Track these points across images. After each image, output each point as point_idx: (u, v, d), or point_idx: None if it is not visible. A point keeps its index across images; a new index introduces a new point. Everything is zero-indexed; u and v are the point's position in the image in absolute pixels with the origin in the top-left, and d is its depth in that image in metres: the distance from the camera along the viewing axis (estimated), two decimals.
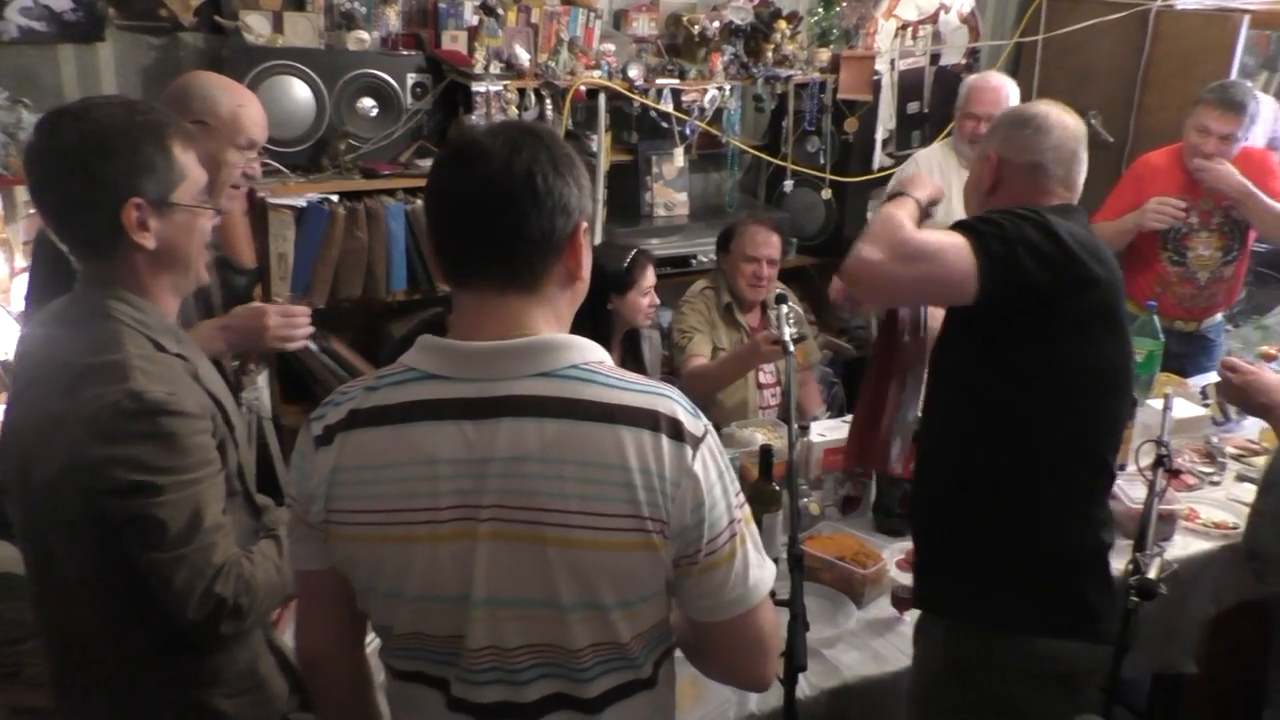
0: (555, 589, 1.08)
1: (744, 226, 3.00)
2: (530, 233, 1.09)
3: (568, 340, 1.12)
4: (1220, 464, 2.70)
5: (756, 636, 1.19)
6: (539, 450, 1.06)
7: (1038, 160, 1.71)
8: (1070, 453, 1.66)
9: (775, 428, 2.73)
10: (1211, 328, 3.42)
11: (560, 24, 3.28)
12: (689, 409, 1.12)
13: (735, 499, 1.15)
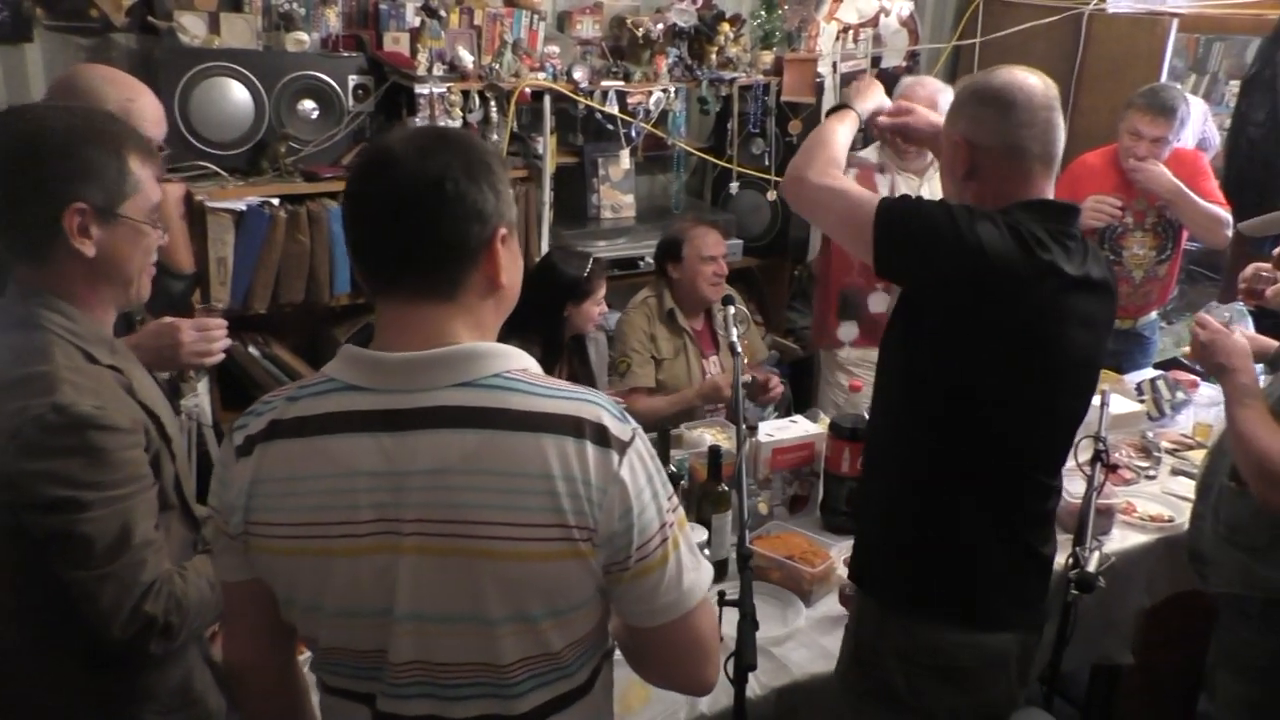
0: (483, 602, 1.07)
1: (690, 231, 3.01)
2: (442, 239, 1.07)
3: (489, 349, 1.11)
4: (1156, 458, 2.77)
5: (694, 640, 1.18)
6: (460, 462, 1.05)
7: (1010, 142, 1.61)
8: (994, 467, 1.66)
9: (724, 428, 2.75)
10: (1146, 325, 3.51)
11: (503, 26, 3.27)
12: (616, 413, 1.10)
13: (667, 503, 1.13)
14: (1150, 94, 3.17)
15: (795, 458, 2.44)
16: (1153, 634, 2.49)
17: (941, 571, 1.63)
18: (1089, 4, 3.83)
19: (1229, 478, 2.02)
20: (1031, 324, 1.57)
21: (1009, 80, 1.64)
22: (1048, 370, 1.60)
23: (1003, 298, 1.55)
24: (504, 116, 3.21)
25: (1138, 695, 2.65)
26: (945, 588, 1.63)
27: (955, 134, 1.66)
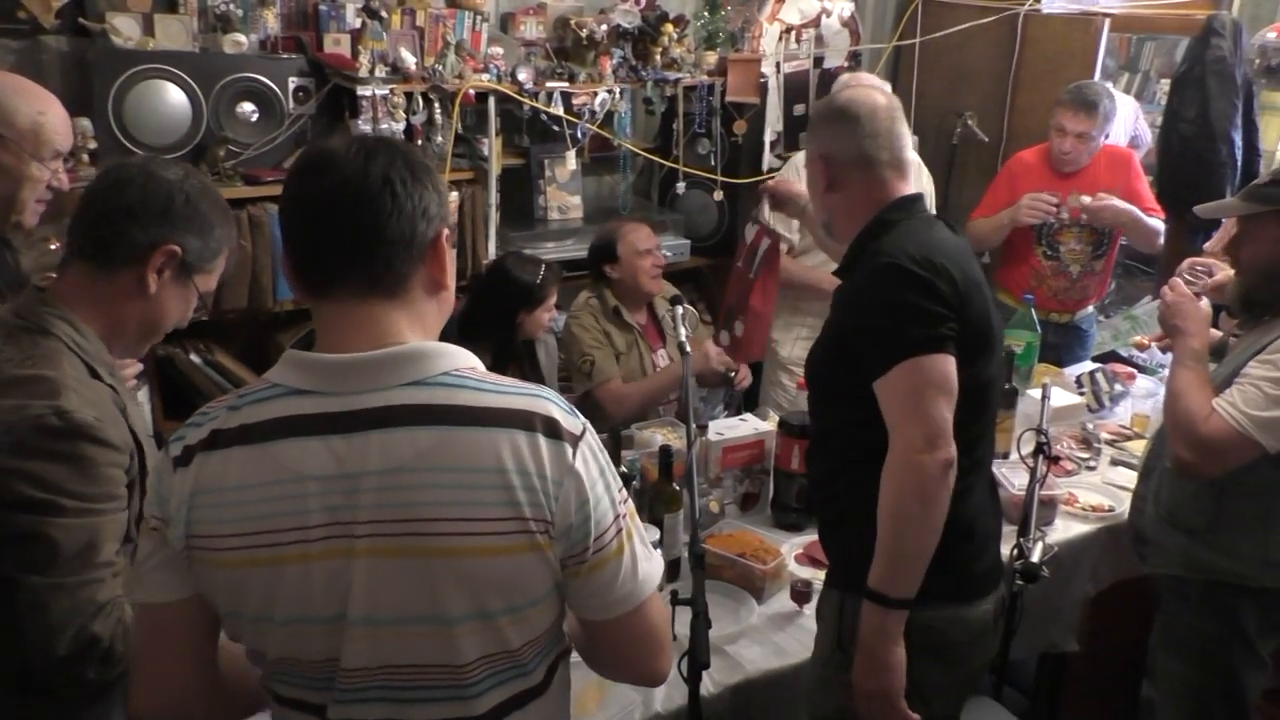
0: (441, 601, 1.07)
1: (621, 230, 3.02)
2: (390, 235, 1.08)
3: (436, 348, 1.11)
4: (1096, 449, 2.83)
5: (649, 631, 1.20)
6: (414, 460, 1.04)
7: (861, 152, 1.72)
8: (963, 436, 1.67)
9: (674, 428, 2.75)
10: (1084, 319, 3.59)
11: (446, 27, 3.24)
12: (565, 408, 1.12)
13: (619, 494, 1.15)
14: (1074, 91, 3.25)
15: (746, 456, 2.46)
16: (1097, 621, 2.55)
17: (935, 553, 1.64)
18: (1024, 4, 3.90)
19: (1169, 460, 2.08)
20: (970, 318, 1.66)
21: (853, 97, 1.78)
22: (982, 334, 1.69)
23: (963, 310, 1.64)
24: (448, 118, 3.19)
25: (1084, 681, 2.70)
26: (939, 567, 1.64)
27: (814, 151, 1.80)
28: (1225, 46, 3.66)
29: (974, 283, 1.68)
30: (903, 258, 1.62)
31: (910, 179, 1.78)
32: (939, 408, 1.57)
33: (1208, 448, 1.89)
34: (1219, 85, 3.66)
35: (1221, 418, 1.87)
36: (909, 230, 1.69)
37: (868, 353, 1.63)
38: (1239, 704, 2.08)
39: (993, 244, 3.54)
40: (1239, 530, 1.98)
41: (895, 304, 1.61)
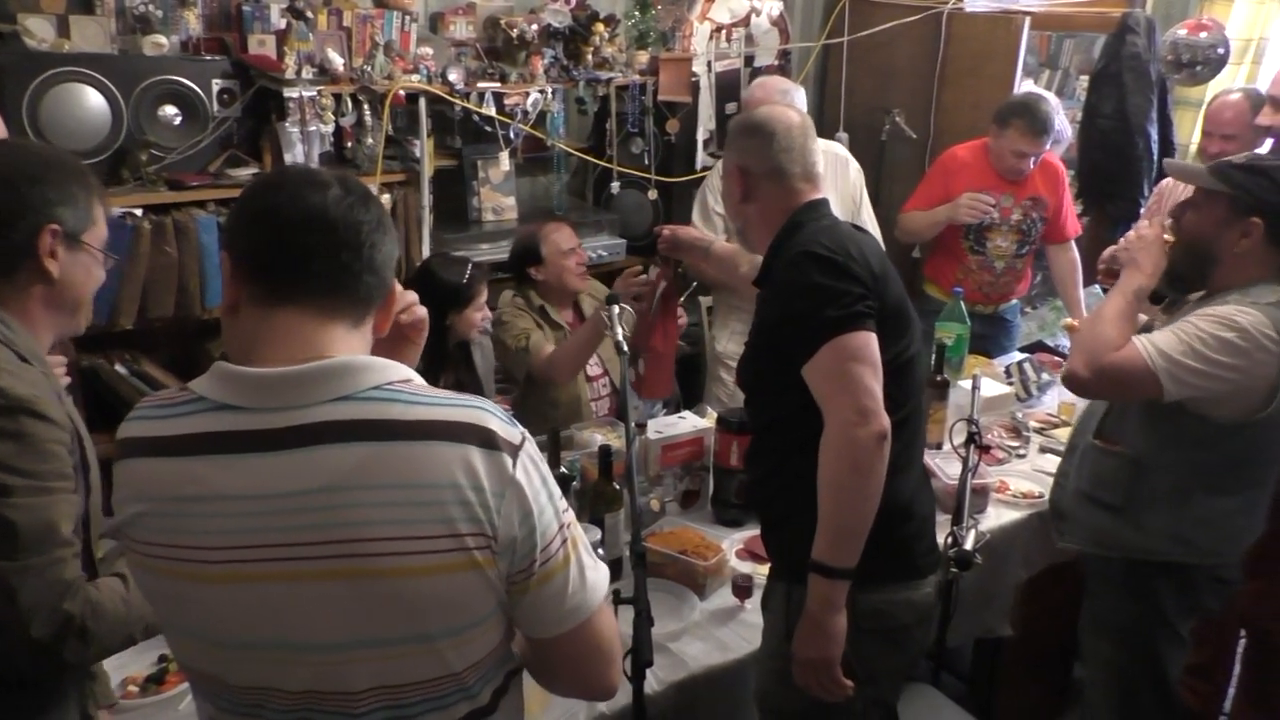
0: (378, 624, 1.03)
1: (543, 232, 2.99)
2: (376, 265, 1.10)
3: (368, 361, 1.07)
4: (1025, 438, 2.90)
5: (598, 643, 1.17)
6: (346, 478, 1.01)
7: (775, 165, 1.82)
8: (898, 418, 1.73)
9: (613, 427, 2.76)
10: (1009, 310, 3.67)
11: (374, 27, 3.20)
12: (503, 418, 1.09)
13: (560, 503, 1.12)
14: (1029, 116, 3.27)
15: (685, 453, 2.47)
16: (1030, 605, 2.61)
17: (878, 535, 1.68)
18: (948, 3, 3.98)
19: (1094, 435, 2.14)
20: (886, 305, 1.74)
21: (769, 114, 1.89)
22: (900, 314, 1.78)
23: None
24: (378, 120, 3.15)
25: (1019, 665, 2.77)
26: (884, 549, 1.69)
27: (731, 163, 1.89)
28: (1140, 43, 3.78)
29: (887, 269, 1.77)
30: (816, 245, 1.71)
31: (821, 189, 1.88)
32: (866, 380, 1.63)
33: (1108, 372, 1.94)
34: (1135, 81, 3.78)
35: (1136, 349, 1.92)
36: (819, 228, 1.79)
37: (793, 341, 1.69)
38: (1162, 682, 2.14)
39: (926, 238, 3.60)
40: (1154, 508, 2.04)
41: (813, 287, 1.67)
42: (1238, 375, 1.89)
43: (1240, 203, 1.95)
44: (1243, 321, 1.88)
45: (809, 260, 1.69)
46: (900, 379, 1.72)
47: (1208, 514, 2.01)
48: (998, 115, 3.36)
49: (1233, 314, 1.90)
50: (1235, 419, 1.94)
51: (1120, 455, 2.08)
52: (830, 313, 1.65)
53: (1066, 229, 3.53)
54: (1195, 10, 4.19)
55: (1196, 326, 1.91)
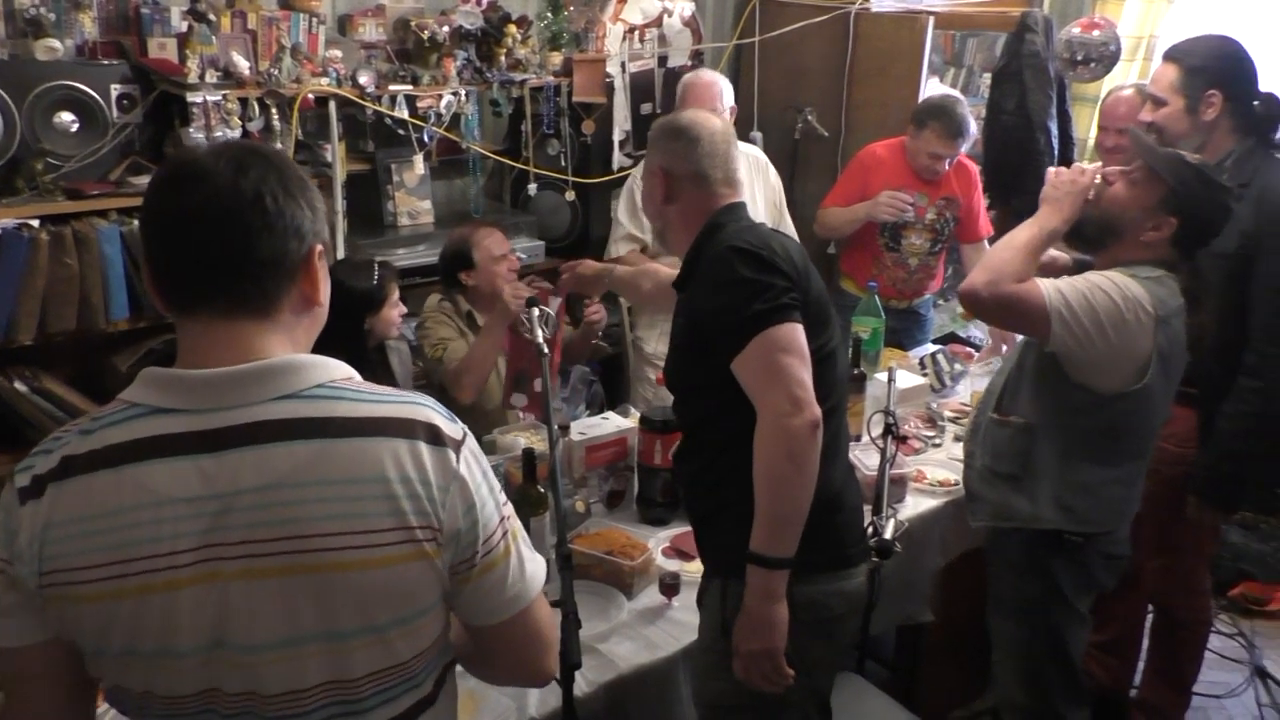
0: (327, 619, 1.04)
1: (475, 236, 2.98)
2: (260, 255, 1.05)
3: (309, 360, 1.08)
4: (940, 427, 2.97)
5: (537, 630, 1.21)
6: (290, 475, 1.01)
7: (697, 169, 1.85)
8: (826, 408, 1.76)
9: (537, 430, 2.75)
10: (922, 304, 3.76)
11: (280, 30, 3.13)
12: (445, 414, 1.12)
13: (500, 497, 1.16)
14: (945, 118, 3.35)
15: (609, 454, 2.47)
16: (949, 591, 2.68)
17: (811, 525, 1.70)
18: (855, 3, 4.05)
19: (993, 410, 2.21)
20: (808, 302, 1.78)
21: (694, 118, 1.91)
22: (823, 308, 1.81)
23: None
24: (287, 124, 3.09)
25: (940, 650, 2.84)
26: (817, 540, 1.72)
27: (654, 165, 1.92)
28: (1038, 41, 3.89)
29: (808, 265, 1.81)
30: (739, 241, 1.74)
31: (741, 194, 1.91)
32: (796, 370, 1.66)
33: (1006, 299, 1.99)
34: (1034, 78, 3.89)
35: (1038, 286, 1.99)
36: (740, 228, 1.82)
37: (721, 336, 1.71)
38: (1065, 657, 2.22)
39: (844, 234, 3.67)
40: (1044, 474, 2.11)
41: (739, 282, 1.69)
42: (1115, 341, 1.97)
43: (1171, 200, 2.03)
44: (1131, 293, 1.96)
45: (735, 255, 1.72)
46: (823, 372, 1.75)
47: (1088, 481, 2.09)
48: (915, 116, 3.44)
49: (1129, 283, 1.98)
50: (1114, 389, 2.03)
51: (1014, 425, 2.15)
52: (757, 306, 1.67)
53: (979, 229, 3.62)
54: (1090, 9, 4.34)
55: (1095, 285, 1.99)
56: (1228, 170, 2.43)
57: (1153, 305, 1.97)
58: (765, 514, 1.68)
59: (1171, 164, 2.05)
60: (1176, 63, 2.49)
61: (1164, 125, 2.51)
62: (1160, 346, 2.00)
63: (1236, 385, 2.41)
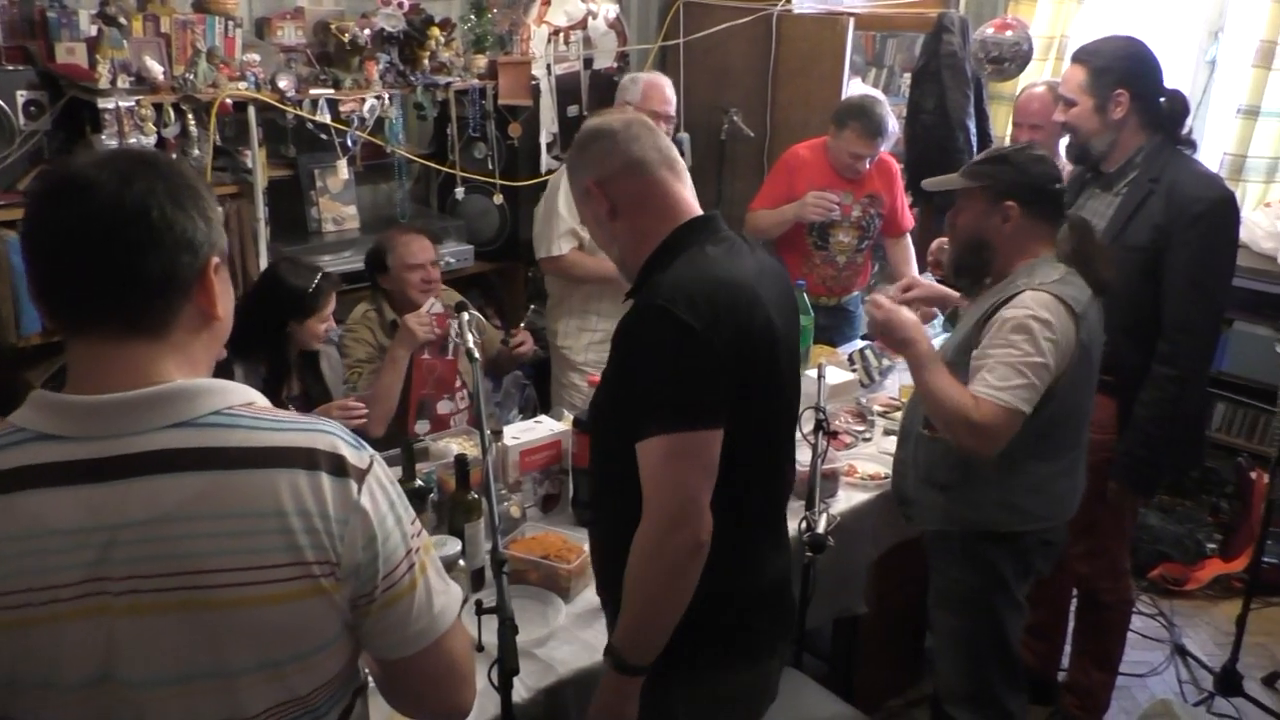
0: (220, 656, 0.99)
1: (394, 241, 2.94)
2: (149, 273, 0.99)
3: (206, 385, 1.03)
4: (870, 422, 3.01)
5: (449, 665, 1.16)
6: (179, 508, 0.97)
7: (628, 157, 1.62)
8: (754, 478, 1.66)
9: (469, 436, 2.72)
10: (850, 301, 3.82)
11: (195, 33, 3.06)
12: (351, 441, 1.07)
13: (411, 527, 1.10)
14: (865, 119, 3.40)
15: (543, 458, 2.46)
16: (882, 583, 2.72)
17: (708, 618, 1.59)
18: (777, 5, 4.10)
19: (923, 426, 2.24)
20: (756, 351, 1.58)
21: (601, 119, 1.71)
22: (771, 382, 1.62)
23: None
24: (205, 130, 3.02)
25: (875, 640, 2.88)
26: (719, 633, 1.62)
27: (582, 184, 1.67)
28: (955, 42, 3.98)
29: (764, 323, 1.56)
30: (680, 301, 1.48)
31: (689, 188, 1.68)
32: (690, 483, 1.49)
33: (986, 431, 2.03)
34: (952, 78, 3.98)
35: (989, 401, 2.01)
36: (698, 260, 1.56)
37: (632, 408, 1.53)
38: (1005, 645, 2.27)
39: (773, 235, 3.70)
40: (985, 482, 2.15)
41: (661, 363, 1.50)
42: (1058, 363, 2.03)
43: (991, 191, 2.13)
44: (1044, 316, 2.01)
45: (665, 325, 1.48)
46: (761, 455, 1.61)
47: (1035, 480, 2.14)
48: (835, 116, 3.49)
49: (1031, 314, 2.02)
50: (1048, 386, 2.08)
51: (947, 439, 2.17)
52: (673, 400, 1.48)
53: (902, 223, 3.69)
54: (1003, 10, 4.45)
55: (1011, 343, 2.02)
56: (1139, 166, 2.52)
57: (1069, 308, 2.04)
58: (630, 618, 1.56)
59: (968, 173, 2.18)
60: (1084, 64, 2.57)
61: (1075, 125, 2.58)
62: (1083, 340, 2.07)
63: (1152, 373, 2.49)
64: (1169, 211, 2.44)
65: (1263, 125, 3.98)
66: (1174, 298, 2.46)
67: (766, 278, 1.63)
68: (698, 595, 1.54)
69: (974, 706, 2.31)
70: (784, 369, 1.65)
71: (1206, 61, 4.25)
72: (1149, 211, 2.46)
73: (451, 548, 2.00)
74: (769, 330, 1.58)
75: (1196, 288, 2.44)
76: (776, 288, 1.66)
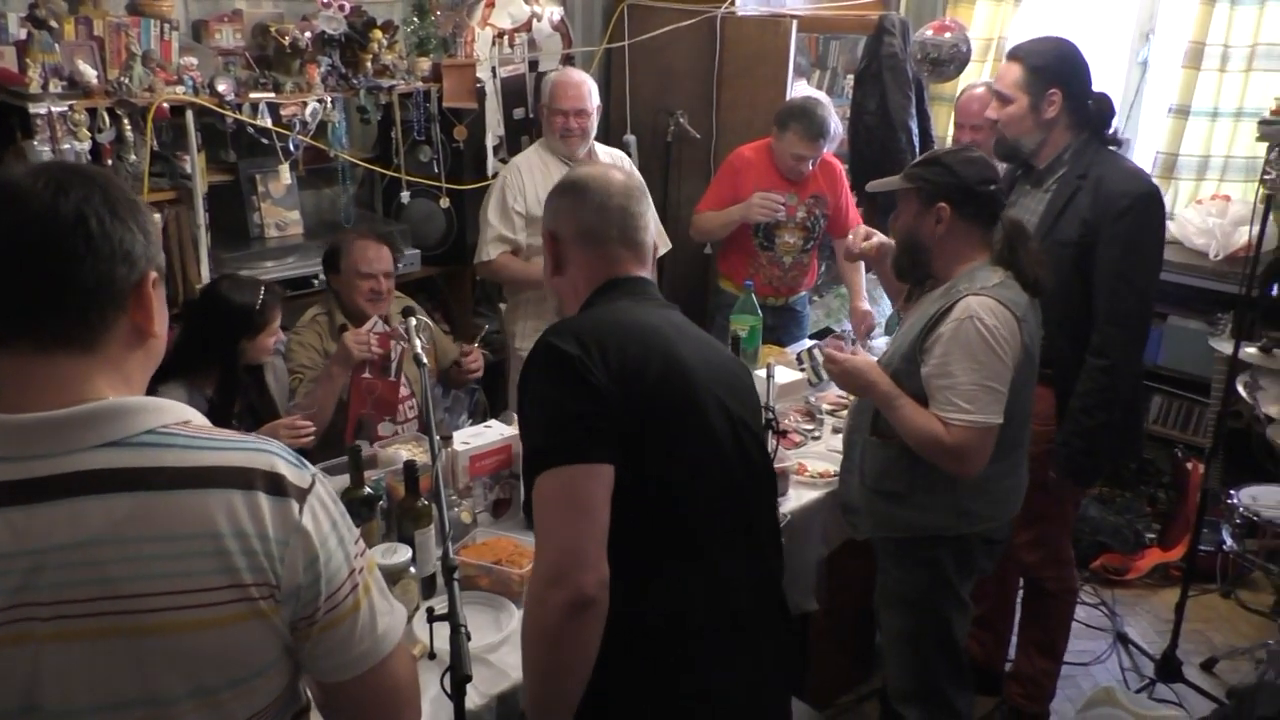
0: (154, 683, 0.97)
1: (350, 245, 2.92)
2: (83, 283, 0.97)
3: (139, 403, 1.00)
4: (819, 420, 3.05)
5: (393, 687, 1.14)
6: (108, 531, 0.94)
7: (585, 227, 1.60)
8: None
9: (419, 441, 2.70)
10: (798, 301, 3.86)
11: (130, 37, 2.99)
12: (292, 460, 1.05)
13: (354, 547, 1.08)
14: (806, 121, 3.44)
15: (494, 462, 2.45)
16: (833, 580, 2.75)
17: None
18: (721, 6, 4.12)
19: (870, 432, 2.27)
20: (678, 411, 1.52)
21: (587, 172, 1.67)
22: (675, 417, 1.53)
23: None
24: (141, 135, 2.95)
25: (826, 637, 2.91)
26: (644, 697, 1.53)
27: (544, 230, 1.68)
28: (896, 44, 4.04)
29: (666, 359, 1.49)
30: (562, 335, 1.47)
31: (647, 264, 1.65)
32: (568, 536, 1.40)
33: (964, 453, 2.06)
34: (894, 79, 4.04)
35: (957, 425, 2.05)
36: (599, 307, 1.56)
37: (525, 448, 1.49)
38: (951, 643, 2.31)
39: (720, 236, 3.73)
40: (934, 488, 2.18)
41: (540, 397, 1.46)
42: (1012, 360, 2.07)
43: (924, 192, 2.18)
44: (990, 321, 2.05)
45: (544, 356, 1.46)
46: (687, 492, 1.51)
47: (982, 483, 2.17)
48: (778, 119, 3.52)
49: (978, 320, 2.05)
50: None
51: (898, 445, 2.20)
52: (550, 436, 1.43)
53: (847, 223, 3.73)
54: (941, 12, 4.52)
55: (962, 360, 2.05)
56: (1067, 164, 2.58)
57: (1010, 311, 2.07)
58: (526, 680, 1.51)
59: (905, 176, 2.23)
60: (1020, 62, 2.62)
61: (1008, 122, 2.63)
62: (1025, 343, 2.11)
63: (1085, 364, 2.54)
64: (1096, 207, 2.50)
65: (1193, 124, 4.10)
66: (1104, 290, 2.52)
67: (670, 331, 1.56)
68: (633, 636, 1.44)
69: (921, 704, 2.34)
70: (708, 409, 1.54)
71: (1139, 62, 4.37)
72: (1077, 207, 2.53)
73: (401, 555, 1.98)
74: (674, 365, 1.50)
75: (1124, 280, 2.50)
76: (699, 341, 1.60)
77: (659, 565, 1.51)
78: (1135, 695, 3.11)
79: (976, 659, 3.01)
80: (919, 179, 2.19)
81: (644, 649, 1.50)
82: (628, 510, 1.44)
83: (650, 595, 1.49)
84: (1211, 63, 4.01)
